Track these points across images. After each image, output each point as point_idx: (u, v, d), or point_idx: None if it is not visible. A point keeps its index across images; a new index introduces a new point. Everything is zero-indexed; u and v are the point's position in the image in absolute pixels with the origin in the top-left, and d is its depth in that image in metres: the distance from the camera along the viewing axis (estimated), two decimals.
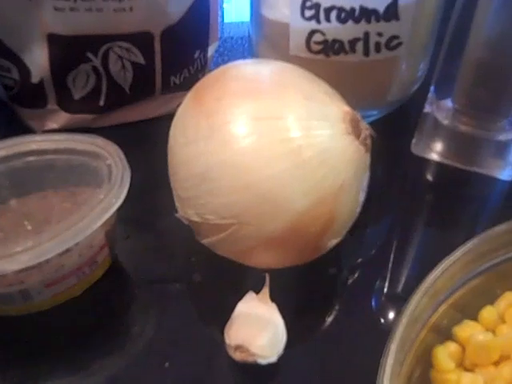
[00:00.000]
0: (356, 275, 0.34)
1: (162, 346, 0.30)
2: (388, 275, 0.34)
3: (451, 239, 0.29)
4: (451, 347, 0.27)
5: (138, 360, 0.30)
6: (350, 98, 0.30)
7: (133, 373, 0.29)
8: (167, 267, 0.35)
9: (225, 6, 0.75)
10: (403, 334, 0.24)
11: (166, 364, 0.29)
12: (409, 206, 0.40)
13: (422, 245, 0.38)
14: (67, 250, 0.28)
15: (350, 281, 0.34)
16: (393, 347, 0.24)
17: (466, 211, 0.39)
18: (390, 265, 0.35)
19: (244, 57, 0.56)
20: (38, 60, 0.40)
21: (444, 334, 0.28)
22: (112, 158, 0.32)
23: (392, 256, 0.36)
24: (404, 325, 0.24)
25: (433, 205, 0.41)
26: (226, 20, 0.67)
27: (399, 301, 0.26)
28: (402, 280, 0.34)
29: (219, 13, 0.48)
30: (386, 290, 0.34)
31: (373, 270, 0.35)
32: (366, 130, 0.29)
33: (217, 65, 0.50)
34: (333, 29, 0.37)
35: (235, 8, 0.74)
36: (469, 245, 0.28)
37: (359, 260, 0.36)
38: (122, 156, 0.32)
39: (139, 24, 0.40)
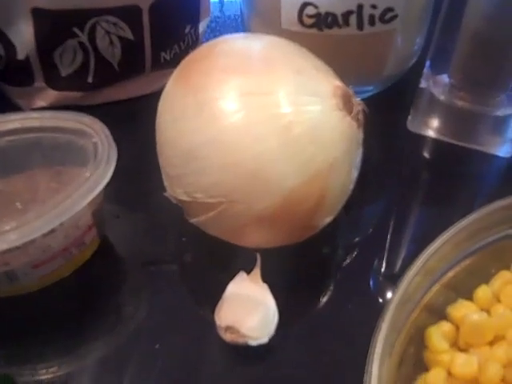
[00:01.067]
0: (350, 254, 0.34)
1: (153, 327, 0.30)
2: (383, 254, 0.34)
3: (448, 217, 0.28)
4: (445, 327, 0.27)
5: (129, 341, 0.30)
6: (343, 73, 0.30)
7: (123, 354, 0.29)
8: (158, 247, 0.35)
9: None
10: (395, 313, 0.24)
11: (157, 345, 0.29)
12: (405, 184, 0.40)
13: (418, 223, 0.37)
14: (52, 231, 0.28)
15: (344, 260, 0.34)
16: (384, 326, 0.23)
17: (463, 189, 0.39)
18: (386, 244, 0.35)
19: (237, 32, 0.56)
20: (23, 36, 0.39)
21: (438, 313, 0.27)
22: (98, 136, 0.31)
23: (387, 235, 0.36)
24: (395, 304, 0.24)
25: (429, 182, 0.41)
26: None
27: (394, 280, 0.26)
28: (397, 259, 0.34)
29: None
30: (380, 269, 0.33)
31: (367, 249, 0.35)
32: (358, 106, 0.29)
33: (208, 41, 0.49)
34: (325, 1, 0.37)
35: None
36: (462, 223, 0.28)
37: (354, 239, 0.35)
38: (108, 134, 0.32)
39: None
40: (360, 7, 0.36)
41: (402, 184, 0.40)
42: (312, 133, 0.27)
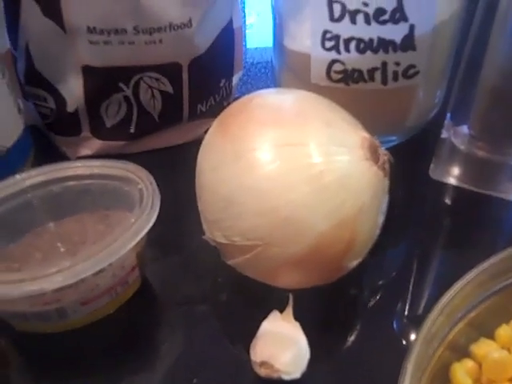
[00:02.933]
0: (376, 296, 0.35)
1: (190, 363, 0.31)
2: (407, 296, 0.35)
3: (469, 261, 0.29)
4: (468, 364, 0.27)
5: (167, 376, 0.31)
6: (369, 124, 0.31)
7: None
8: (195, 287, 0.36)
9: (247, 31, 0.77)
10: (420, 351, 0.25)
11: (195, 380, 0.30)
12: (427, 229, 0.41)
13: (440, 267, 0.38)
14: (101, 270, 0.29)
15: (371, 301, 0.35)
16: (410, 364, 0.24)
17: (484, 234, 0.40)
18: (409, 286, 0.36)
19: (267, 84, 0.57)
20: (74, 90, 0.42)
21: (461, 351, 0.28)
22: (143, 183, 0.33)
23: (411, 278, 0.36)
24: (420, 343, 0.25)
25: (451, 228, 0.41)
26: (248, 46, 0.68)
27: (418, 321, 0.27)
28: (421, 301, 0.35)
29: (243, 43, 0.50)
30: (405, 310, 0.34)
31: (392, 291, 0.35)
32: (384, 156, 0.30)
33: (241, 92, 0.52)
34: (352, 59, 0.38)
35: (259, 34, 0.75)
36: (484, 265, 0.28)
37: (379, 281, 0.36)
38: (153, 181, 0.33)
39: (168, 55, 0.42)
40: (384, 64, 0.38)
41: (425, 229, 0.41)
42: (341, 181, 0.28)
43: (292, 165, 0.28)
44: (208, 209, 0.31)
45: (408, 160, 0.43)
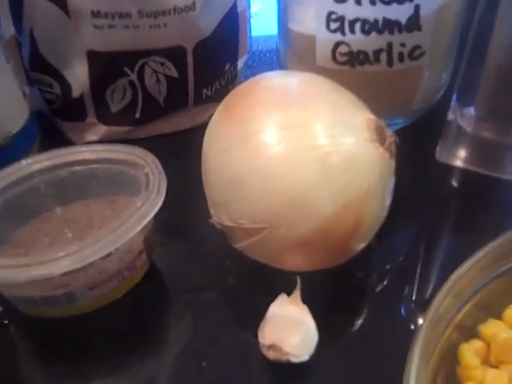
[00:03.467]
0: (384, 279, 0.35)
1: (199, 347, 0.31)
2: (415, 279, 0.35)
3: (476, 243, 0.29)
4: (476, 345, 0.28)
5: (176, 361, 0.31)
6: (375, 106, 0.31)
7: (171, 372, 0.30)
8: (202, 271, 0.36)
9: (252, 19, 0.76)
10: (427, 332, 0.25)
11: (204, 363, 0.30)
12: (434, 212, 0.41)
13: (447, 250, 0.38)
14: (109, 254, 0.29)
15: (378, 284, 0.35)
16: (417, 346, 0.24)
17: (491, 216, 0.40)
18: (417, 269, 0.36)
19: (272, 69, 0.57)
20: (79, 75, 0.42)
21: (469, 332, 0.28)
22: (149, 167, 0.33)
23: (418, 261, 0.36)
24: (428, 324, 0.25)
25: (458, 210, 0.41)
26: (253, 34, 0.68)
27: (426, 304, 0.27)
28: (429, 284, 0.35)
29: (248, 27, 0.50)
30: (412, 293, 0.34)
31: (399, 274, 0.35)
32: (390, 137, 0.30)
33: (246, 77, 0.51)
34: (357, 40, 0.38)
35: (264, 22, 0.75)
36: (490, 246, 0.29)
37: (386, 264, 0.36)
38: (159, 165, 0.33)
39: (173, 39, 0.42)
40: (390, 45, 0.38)
41: (432, 211, 0.41)
42: (347, 162, 0.28)
43: (298, 147, 0.28)
44: (214, 192, 0.31)
45: (414, 142, 0.43)
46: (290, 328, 0.29)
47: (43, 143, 0.44)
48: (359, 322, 0.33)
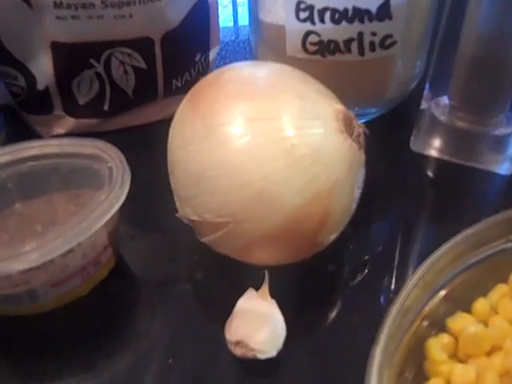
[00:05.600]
0: (355, 271, 0.35)
1: (166, 343, 0.31)
2: (387, 271, 0.35)
3: (450, 234, 0.29)
4: (444, 339, 0.27)
5: (143, 357, 0.30)
6: (347, 96, 0.31)
7: (138, 369, 0.30)
8: (170, 266, 0.36)
9: (240, 9, 0.76)
10: (393, 324, 0.25)
11: (170, 360, 0.30)
12: (409, 202, 0.41)
13: (422, 240, 0.38)
14: (70, 251, 0.29)
15: (349, 277, 0.35)
16: (382, 337, 0.24)
17: (466, 206, 0.39)
18: (389, 260, 0.36)
19: (246, 59, 0.57)
20: (43, 67, 0.41)
21: (437, 325, 0.28)
22: (113, 161, 0.33)
23: (391, 252, 0.36)
24: (394, 315, 0.25)
25: (432, 200, 0.41)
26: (222, 25, 0.67)
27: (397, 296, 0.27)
28: (403, 275, 0.35)
29: (219, 18, 0.49)
30: (384, 285, 0.34)
31: (372, 266, 0.35)
32: (359, 128, 0.30)
33: (219, 68, 0.51)
34: (327, 29, 0.38)
35: (241, 12, 0.74)
36: (460, 237, 0.28)
37: (358, 256, 0.36)
38: (123, 158, 0.33)
39: (139, 30, 0.41)
40: (360, 34, 0.38)
41: (406, 201, 0.41)
42: (315, 154, 0.27)
43: (264, 139, 0.28)
44: (179, 186, 0.31)
45: (388, 132, 0.43)
46: (258, 323, 0.29)
47: (11, 138, 0.44)
48: (330, 316, 0.32)
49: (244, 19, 0.71)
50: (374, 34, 0.38)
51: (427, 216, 0.40)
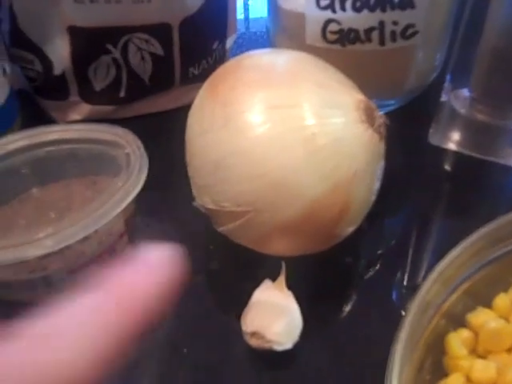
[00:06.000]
0: (372, 264, 0.34)
1: (181, 334, 0.31)
2: (405, 264, 0.35)
3: (469, 228, 0.28)
4: (464, 334, 0.27)
5: (158, 347, 0.30)
6: (366, 87, 0.31)
7: (153, 359, 0.30)
8: (186, 255, 0.35)
9: (250, 2, 0.75)
10: (413, 320, 0.24)
11: (185, 350, 0.30)
12: (426, 196, 0.40)
13: (439, 234, 0.38)
14: (87, 237, 0.28)
15: (366, 269, 0.34)
16: (403, 333, 0.24)
17: (484, 200, 0.39)
18: (407, 254, 0.35)
19: (263, 47, 0.57)
20: (60, 52, 0.41)
21: (457, 321, 0.28)
22: (130, 147, 0.32)
23: (409, 246, 0.36)
24: (414, 311, 0.25)
25: (450, 194, 0.41)
26: (252, 16, 0.67)
27: (414, 290, 0.26)
28: (419, 269, 0.34)
29: (237, 5, 0.49)
30: (402, 278, 0.34)
31: (389, 259, 0.35)
32: (380, 119, 0.29)
33: (236, 56, 0.50)
34: (348, 18, 0.37)
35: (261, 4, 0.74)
36: (481, 232, 0.28)
37: (376, 249, 0.36)
38: (140, 145, 0.32)
39: (157, 15, 0.41)
40: (382, 24, 0.37)
41: (424, 195, 0.40)
42: (335, 144, 0.27)
43: (283, 127, 0.27)
44: (197, 174, 0.30)
45: (407, 125, 0.43)
46: (274, 315, 0.29)
47: (26, 122, 0.43)
48: (346, 309, 0.32)
49: (255, 12, 0.71)
50: (395, 23, 0.37)
51: (444, 210, 0.40)
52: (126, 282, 0.15)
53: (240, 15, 0.71)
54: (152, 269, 0.15)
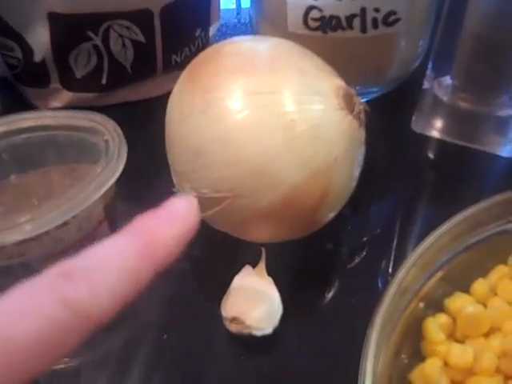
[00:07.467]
0: (353, 250, 0.35)
1: (161, 319, 0.31)
2: (385, 251, 0.35)
3: (451, 215, 0.29)
4: (442, 319, 0.27)
5: (139, 332, 0.31)
6: (348, 74, 0.30)
7: (134, 344, 0.30)
8: None
9: None
10: (390, 304, 0.25)
11: (165, 336, 0.30)
12: (409, 183, 0.40)
13: (421, 221, 0.38)
14: (66, 223, 0.28)
15: (347, 255, 0.34)
16: (379, 317, 0.24)
17: (467, 188, 0.39)
18: (388, 241, 0.35)
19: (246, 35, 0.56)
20: (40, 39, 0.41)
21: (435, 305, 0.28)
22: (109, 134, 0.32)
23: (390, 232, 0.36)
24: (391, 295, 0.25)
25: (433, 181, 0.41)
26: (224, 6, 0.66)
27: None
28: (400, 256, 0.34)
29: None
30: (382, 266, 0.34)
31: (371, 246, 0.35)
32: (359, 105, 0.29)
33: None
34: (330, 5, 0.37)
35: None
36: (459, 216, 0.28)
37: (358, 236, 0.36)
38: (120, 131, 0.32)
39: (138, 1, 0.40)
40: (363, 10, 0.37)
41: (406, 183, 0.40)
42: (315, 130, 0.27)
43: (263, 114, 0.27)
44: (177, 160, 0.30)
45: (389, 112, 0.43)
46: (254, 300, 0.29)
47: (7, 110, 0.43)
48: (327, 295, 0.32)
49: (246, 2, 0.70)
50: (377, 10, 0.37)
51: (427, 197, 0.40)
52: (152, 228, 0.17)
53: (232, 5, 0.71)
54: (174, 216, 0.18)
